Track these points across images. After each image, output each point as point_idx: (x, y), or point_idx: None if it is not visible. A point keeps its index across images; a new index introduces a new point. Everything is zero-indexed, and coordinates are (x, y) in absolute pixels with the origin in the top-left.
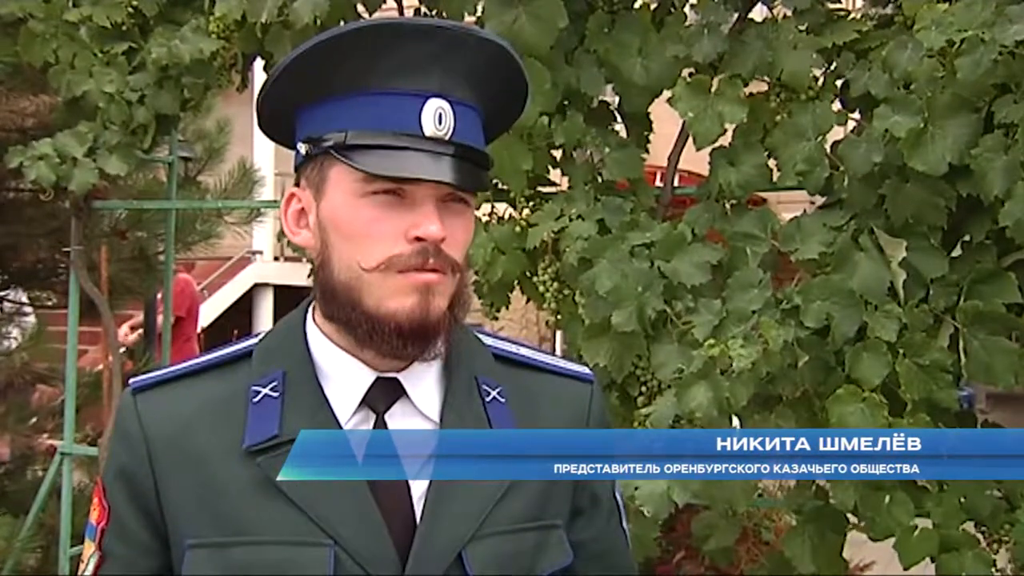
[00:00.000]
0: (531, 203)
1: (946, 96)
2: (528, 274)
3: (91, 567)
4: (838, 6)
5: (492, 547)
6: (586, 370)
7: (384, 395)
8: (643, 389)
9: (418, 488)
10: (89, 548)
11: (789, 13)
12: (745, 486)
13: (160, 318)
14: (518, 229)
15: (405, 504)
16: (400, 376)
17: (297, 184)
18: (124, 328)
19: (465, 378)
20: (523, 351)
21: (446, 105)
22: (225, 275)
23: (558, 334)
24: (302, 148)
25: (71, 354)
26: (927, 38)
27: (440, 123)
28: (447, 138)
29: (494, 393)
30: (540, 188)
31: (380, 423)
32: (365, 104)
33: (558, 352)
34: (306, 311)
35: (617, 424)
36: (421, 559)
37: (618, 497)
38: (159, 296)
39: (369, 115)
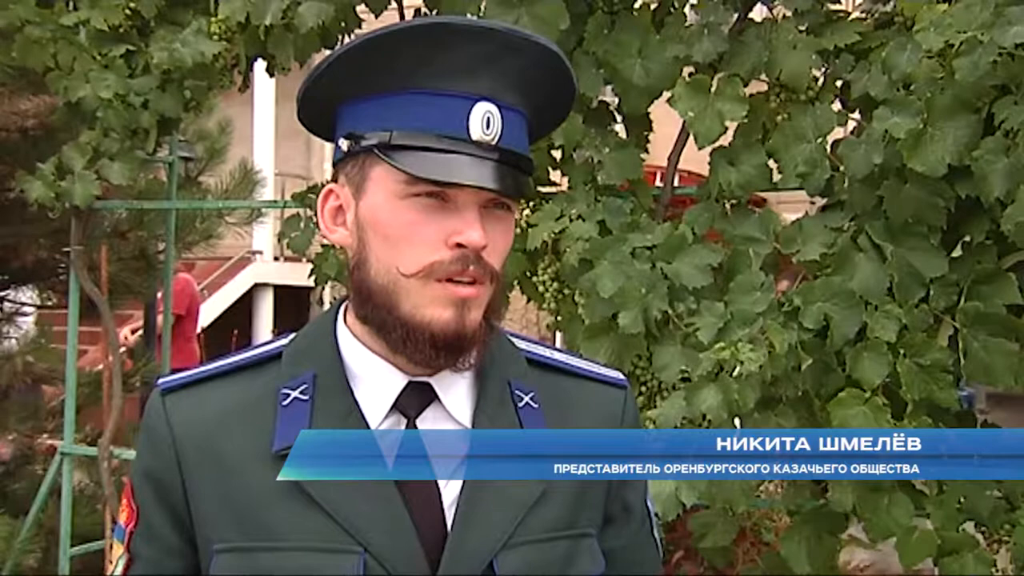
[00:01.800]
0: (531, 204)
1: (945, 97)
2: (528, 274)
3: (119, 569)
4: (838, 7)
5: (524, 556)
6: (620, 375)
7: (416, 400)
8: (643, 389)
9: (449, 494)
10: (118, 550)
11: (789, 14)
12: (744, 485)
13: (160, 318)
14: (519, 231)
15: (436, 510)
16: (432, 381)
17: (335, 180)
18: (124, 331)
19: (498, 383)
20: (556, 355)
21: (494, 109)
22: (225, 275)
23: (558, 334)
24: (343, 144)
25: (71, 354)
26: (926, 39)
27: (488, 127)
28: (494, 143)
29: (527, 398)
30: (540, 189)
31: (411, 428)
32: (412, 104)
33: None
34: (337, 313)
35: None
36: (452, 567)
37: (649, 505)
38: (159, 296)
39: (415, 115)
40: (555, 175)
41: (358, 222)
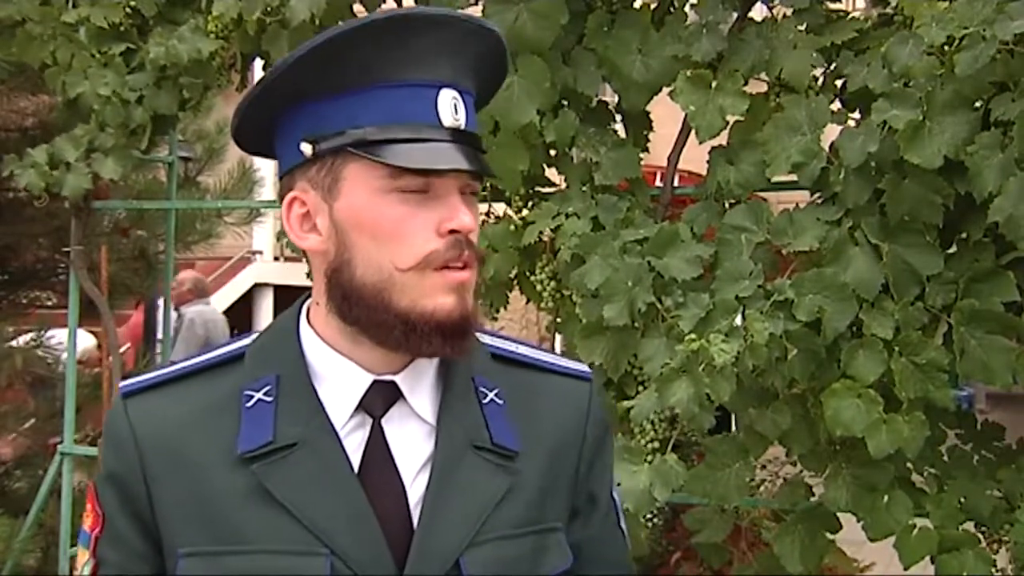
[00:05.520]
0: (529, 203)
1: (945, 92)
2: (527, 274)
3: (87, 573)
4: (838, 6)
5: (490, 552)
6: (585, 368)
7: (381, 399)
8: (640, 388)
9: (415, 492)
10: (84, 555)
11: (789, 13)
12: (738, 482)
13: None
14: (512, 228)
15: (402, 510)
16: (397, 379)
17: (291, 188)
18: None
19: (462, 379)
20: (521, 349)
21: (457, 95)
22: (225, 275)
23: (558, 336)
24: (305, 148)
25: (71, 354)
26: (928, 34)
27: (456, 113)
28: (462, 127)
29: (491, 395)
30: (539, 189)
31: (376, 428)
32: (379, 98)
33: (557, 351)
34: (299, 312)
35: (612, 422)
36: (418, 566)
37: (615, 497)
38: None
39: (385, 109)
40: (557, 177)
41: (335, 225)
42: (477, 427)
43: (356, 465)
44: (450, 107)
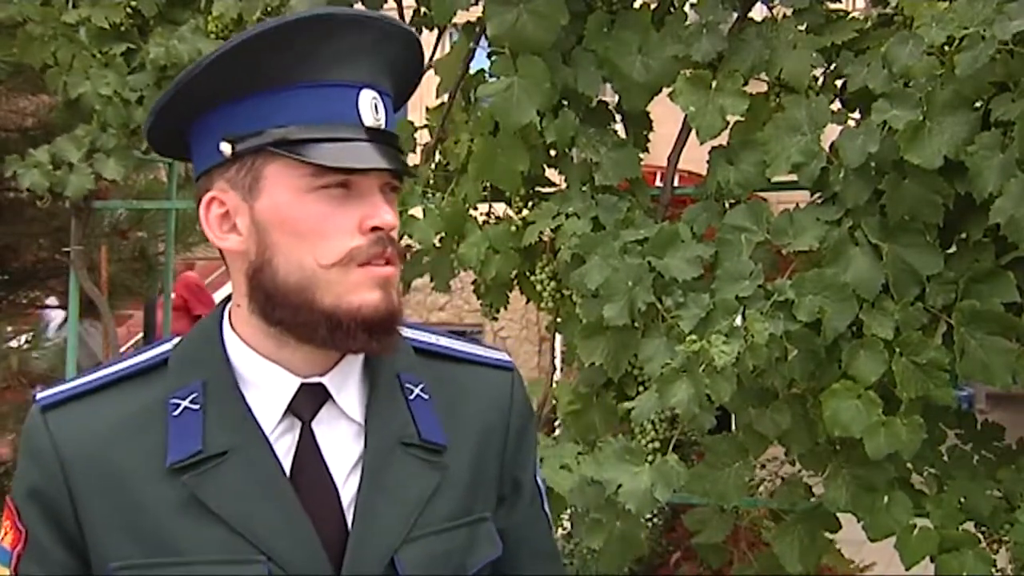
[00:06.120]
0: (529, 203)
1: (945, 93)
2: (527, 274)
3: None
4: (838, 6)
5: (424, 548)
6: (505, 357)
7: (309, 402)
8: (640, 389)
9: (347, 494)
10: (2, 573)
11: (789, 13)
12: (738, 481)
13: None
14: (513, 228)
15: (336, 512)
16: (324, 380)
17: (208, 188)
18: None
19: (387, 377)
20: (442, 341)
21: (377, 95)
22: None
23: (558, 336)
24: (225, 148)
25: (71, 354)
26: (928, 34)
27: (376, 113)
28: (382, 127)
29: (417, 390)
30: (539, 189)
31: (306, 431)
32: (300, 97)
33: (557, 351)
34: (221, 317)
35: (612, 422)
36: (354, 566)
37: (539, 481)
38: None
39: (307, 108)
40: (557, 177)
41: (256, 225)
42: (405, 424)
43: (288, 469)
44: (370, 107)
